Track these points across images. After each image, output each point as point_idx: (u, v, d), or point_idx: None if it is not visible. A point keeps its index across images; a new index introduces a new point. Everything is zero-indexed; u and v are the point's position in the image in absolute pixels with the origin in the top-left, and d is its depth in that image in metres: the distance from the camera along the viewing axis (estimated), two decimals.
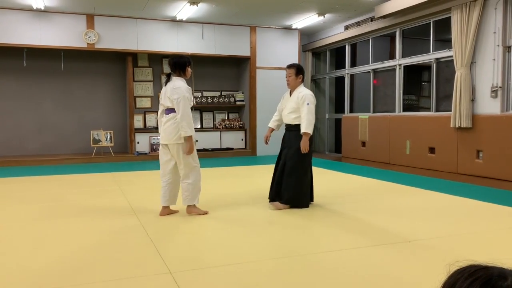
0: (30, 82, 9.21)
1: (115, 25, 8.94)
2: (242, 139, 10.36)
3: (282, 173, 4.42)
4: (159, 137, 4.23)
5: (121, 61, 9.77)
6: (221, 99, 10.30)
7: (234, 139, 10.28)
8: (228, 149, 10.12)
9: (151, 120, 9.76)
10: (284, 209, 4.35)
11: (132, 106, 9.50)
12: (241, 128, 10.37)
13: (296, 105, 4.41)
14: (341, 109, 9.92)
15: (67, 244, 3.29)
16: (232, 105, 10.44)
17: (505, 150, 5.71)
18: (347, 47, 9.53)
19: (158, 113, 4.25)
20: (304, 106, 4.33)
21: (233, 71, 10.69)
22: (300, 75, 4.52)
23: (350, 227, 3.77)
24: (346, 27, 9.45)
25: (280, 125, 4.77)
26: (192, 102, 4.14)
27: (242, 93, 10.43)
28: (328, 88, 10.49)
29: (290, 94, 4.57)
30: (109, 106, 9.85)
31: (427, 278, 2.52)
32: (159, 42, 9.21)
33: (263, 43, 10.06)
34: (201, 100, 10.11)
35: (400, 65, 7.94)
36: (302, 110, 4.35)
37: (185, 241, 3.44)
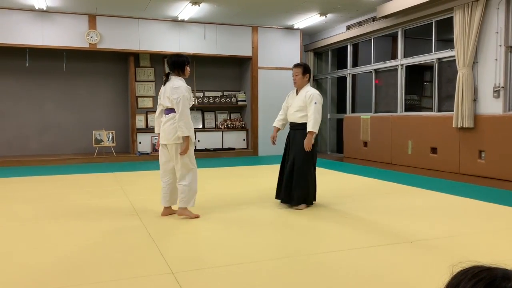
0: (32, 82, 9.23)
1: (117, 25, 8.95)
2: (244, 139, 10.36)
3: (292, 174, 4.44)
4: (157, 137, 4.21)
5: (123, 61, 9.79)
6: (223, 99, 10.30)
7: (236, 139, 10.29)
8: (230, 149, 10.12)
9: (153, 120, 9.74)
10: (296, 209, 4.41)
11: (134, 106, 9.51)
12: (243, 128, 10.37)
13: (304, 104, 4.44)
14: (343, 109, 9.91)
15: (69, 244, 3.29)
16: (234, 105, 10.45)
17: (507, 150, 5.70)
18: (349, 47, 9.52)
19: (156, 113, 4.20)
20: (312, 105, 4.37)
21: (235, 71, 10.69)
22: (307, 74, 4.56)
23: (352, 227, 3.77)
24: (348, 27, 9.45)
25: (285, 124, 4.79)
26: (192, 102, 4.11)
27: (244, 93, 10.43)
28: (330, 88, 10.49)
29: (297, 93, 4.60)
30: (111, 106, 9.87)
31: (430, 279, 2.52)
32: (161, 42, 9.22)
33: (265, 43, 10.06)
34: (203, 100, 10.11)
35: (402, 65, 7.92)
36: (310, 109, 4.39)
37: (187, 241, 3.44)
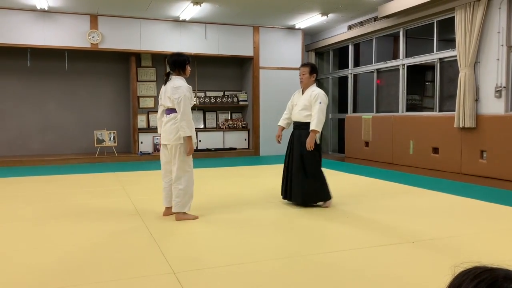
0: (34, 82, 9.24)
1: (119, 25, 8.96)
2: (245, 139, 10.36)
3: (305, 175, 4.46)
4: (159, 137, 4.20)
5: (125, 61, 9.80)
6: (224, 99, 10.30)
7: (237, 139, 10.29)
8: (231, 149, 10.13)
9: (155, 120, 9.75)
10: (324, 207, 4.52)
11: (136, 106, 9.52)
12: (244, 128, 10.38)
13: (309, 103, 4.48)
14: (345, 109, 9.90)
15: (70, 244, 3.30)
16: (235, 105, 10.45)
17: (509, 150, 5.69)
18: (351, 47, 9.52)
19: (158, 114, 4.18)
20: (316, 104, 4.40)
21: (236, 71, 10.69)
22: (314, 74, 4.60)
23: (353, 227, 3.77)
24: (349, 27, 9.44)
25: (290, 123, 4.82)
26: (193, 102, 4.09)
27: (245, 93, 10.43)
28: (331, 88, 10.48)
29: (303, 93, 4.63)
30: (113, 106, 9.88)
31: (431, 280, 2.52)
32: (163, 42, 9.22)
33: (266, 43, 10.06)
34: (204, 100, 10.11)
35: (404, 65, 7.92)
36: (314, 108, 4.42)
37: (188, 241, 3.44)
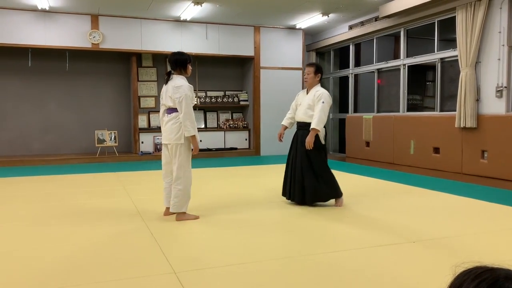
0: (35, 82, 9.25)
1: (120, 25, 8.96)
2: (246, 139, 10.36)
3: (314, 175, 4.47)
4: (160, 137, 4.20)
5: (126, 61, 9.80)
6: (225, 99, 10.30)
7: (238, 139, 10.29)
8: (232, 149, 10.13)
9: (155, 120, 9.78)
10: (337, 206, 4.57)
11: (137, 106, 9.52)
12: (245, 128, 10.38)
13: (313, 103, 4.50)
14: (345, 109, 9.90)
15: (71, 244, 3.30)
16: (236, 105, 10.45)
17: (510, 150, 5.68)
18: (351, 47, 9.51)
19: (160, 113, 4.18)
20: (319, 104, 4.43)
21: (237, 71, 10.69)
22: (319, 74, 4.63)
23: (353, 227, 3.77)
24: (350, 27, 9.44)
25: (293, 123, 4.84)
26: (194, 101, 4.09)
27: (246, 93, 10.43)
28: (332, 88, 10.47)
29: (307, 93, 4.65)
30: (114, 106, 9.88)
31: (432, 280, 2.52)
32: (163, 42, 9.23)
33: (267, 43, 10.06)
34: (205, 100, 10.10)
35: (405, 65, 7.91)
36: (316, 107, 4.44)
37: (189, 241, 3.44)
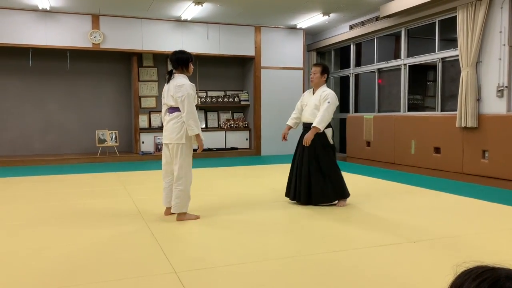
0: (36, 82, 9.26)
1: (120, 25, 8.97)
2: (247, 139, 10.36)
3: (323, 176, 4.47)
4: (161, 137, 4.19)
5: (126, 61, 9.81)
6: (226, 99, 10.31)
7: (239, 139, 10.29)
8: (233, 149, 10.13)
9: (156, 120, 9.79)
10: (338, 206, 4.56)
11: (137, 106, 9.53)
12: (246, 128, 10.38)
13: (319, 103, 4.51)
14: (346, 109, 9.90)
15: (72, 244, 3.30)
16: (237, 105, 10.45)
17: (511, 150, 5.67)
18: (352, 47, 9.51)
19: (162, 113, 4.17)
20: (325, 104, 4.45)
21: (238, 71, 10.69)
22: (325, 75, 4.64)
23: (354, 227, 3.77)
24: (351, 27, 9.43)
25: (298, 123, 4.84)
26: (197, 100, 4.09)
27: (247, 93, 10.43)
28: (333, 88, 10.44)
29: (313, 93, 4.66)
30: (114, 106, 9.89)
31: (433, 279, 2.51)
32: (164, 42, 9.23)
33: (268, 43, 10.06)
34: (206, 100, 10.12)
35: (405, 65, 7.91)
36: (321, 107, 4.46)
37: (190, 241, 3.44)
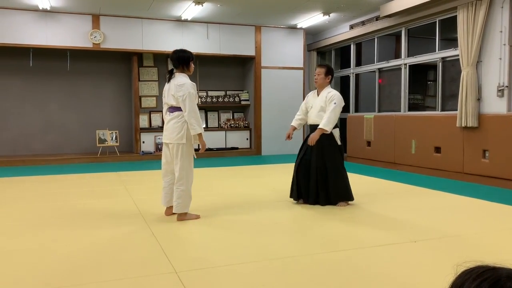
0: (36, 82, 9.26)
1: (121, 25, 8.97)
2: (247, 139, 10.36)
3: (326, 177, 4.47)
4: (161, 137, 4.18)
5: (127, 61, 9.81)
6: (226, 99, 10.31)
7: (239, 139, 10.29)
8: (233, 149, 10.13)
9: (156, 120, 9.79)
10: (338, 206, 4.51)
11: (138, 106, 9.53)
12: (246, 128, 10.38)
13: (325, 104, 4.52)
14: (346, 109, 9.89)
15: (73, 243, 3.30)
16: (237, 105, 10.45)
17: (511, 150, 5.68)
18: (352, 47, 9.51)
19: (163, 112, 4.17)
20: (331, 105, 4.46)
21: (238, 71, 10.69)
22: (329, 76, 4.67)
23: (354, 227, 3.77)
24: (351, 27, 9.43)
25: (303, 125, 4.84)
26: (198, 99, 4.08)
27: (247, 93, 10.43)
28: (334, 88, 10.42)
29: (318, 94, 4.65)
30: (115, 106, 9.89)
31: (434, 279, 2.51)
32: (164, 42, 9.23)
33: (268, 43, 10.05)
34: (206, 100, 10.12)
35: (406, 65, 7.90)
36: (328, 108, 4.47)
37: (190, 241, 3.44)
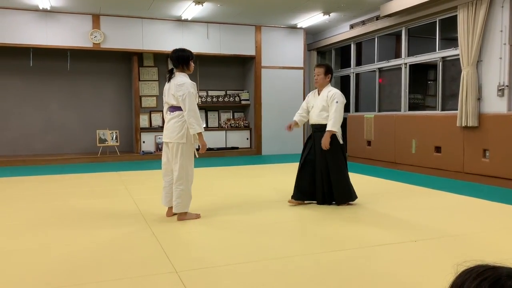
0: (36, 82, 9.26)
1: (121, 25, 8.97)
2: (247, 138, 10.36)
3: (328, 177, 4.48)
4: (161, 137, 4.17)
5: (127, 61, 9.81)
6: (226, 99, 10.31)
7: (239, 139, 10.29)
8: (233, 149, 10.13)
9: (157, 120, 9.79)
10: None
11: (138, 106, 9.53)
12: (246, 128, 10.38)
13: (326, 104, 4.51)
14: (347, 108, 9.86)
15: (73, 243, 3.30)
16: (237, 105, 10.45)
17: None
18: (353, 46, 9.51)
19: (164, 112, 4.17)
20: (333, 105, 4.45)
21: (238, 71, 10.69)
22: (329, 75, 4.65)
23: (354, 227, 3.77)
24: (352, 26, 9.43)
25: (304, 122, 4.83)
26: (198, 98, 4.07)
27: (247, 93, 10.44)
28: (333, 87, 10.44)
29: (319, 93, 4.65)
30: (115, 106, 9.89)
31: (434, 278, 2.51)
32: (165, 42, 9.23)
33: (268, 43, 10.05)
34: (206, 100, 10.13)
35: (406, 64, 7.90)
36: (331, 108, 4.46)
37: (191, 241, 3.44)
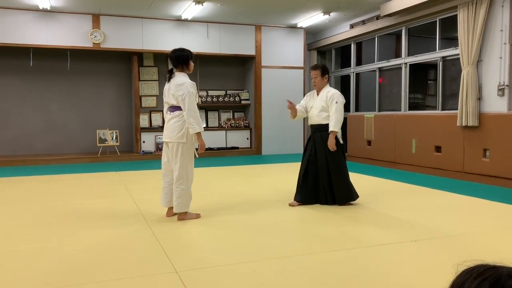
0: (36, 82, 9.26)
1: (121, 25, 8.97)
2: (247, 138, 10.36)
3: (329, 177, 4.48)
4: (161, 137, 4.16)
5: (127, 61, 9.81)
6: (226, 98, 10.31)
7: (239, 138, 10.29)
8: (234, 148, 10.13)
9: (157, 120, 9.79)
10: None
11: (138, 106, 9.53)
12: (246, 127, 10.38)
13: (326, 104, 4.51)
14: (347, 108, 9.88)
15: (73, 243, 3.30)
16: (237, 104, 10.45)
17: None
18: (353, 46, 9.51)
19: (164, 112, 4.17)
20: (333, 105, 4.44)
21: (238, 70, 10.69)
22: (326, 75, 4.64)
23: (354, 227, 3.77)
24: (352, 26, 9.42)
25: (302, 117, 4.81)
26: (198, 98, 4.07)
27: (247, 92, 10.44)
28: (334, 87, 10.40)
29: (318, 94, 4.65)
30: (115, 106, 9.89)
31: (434, 278, 2.51)
32: (165, 42, 9.23)
33: (268, 42, 10.05)
34: (207, 99, 10.13)
35: (406, 64, 7.90)
36: (331, 109, 4.45)
37: (191, 241, 3.44)
